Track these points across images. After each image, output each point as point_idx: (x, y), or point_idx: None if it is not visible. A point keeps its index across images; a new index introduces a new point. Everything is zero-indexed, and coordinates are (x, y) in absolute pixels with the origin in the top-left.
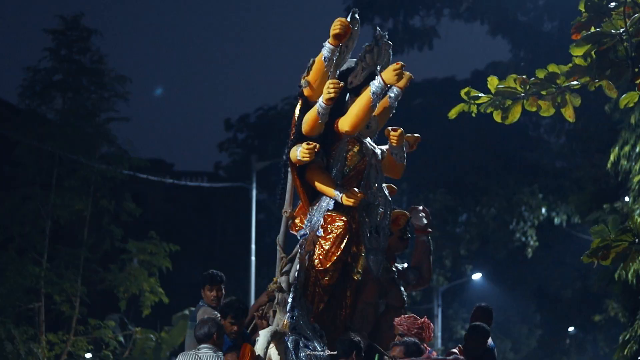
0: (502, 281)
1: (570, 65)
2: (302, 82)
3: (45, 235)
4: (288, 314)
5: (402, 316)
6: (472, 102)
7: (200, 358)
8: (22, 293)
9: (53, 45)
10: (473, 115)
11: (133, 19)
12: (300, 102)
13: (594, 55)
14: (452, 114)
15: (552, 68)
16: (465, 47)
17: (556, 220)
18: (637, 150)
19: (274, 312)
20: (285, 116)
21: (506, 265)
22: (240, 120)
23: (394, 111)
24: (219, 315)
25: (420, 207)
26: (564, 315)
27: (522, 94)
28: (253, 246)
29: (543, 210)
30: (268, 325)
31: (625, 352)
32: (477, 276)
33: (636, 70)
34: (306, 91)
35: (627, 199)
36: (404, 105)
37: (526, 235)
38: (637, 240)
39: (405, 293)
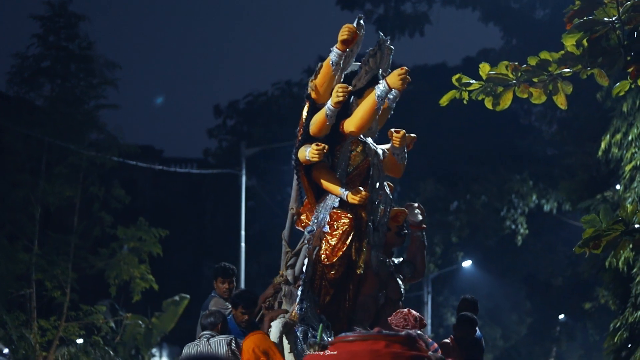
0: (492, 268)
1: (562, 52)
2: (310, 85)
3: (36, 221)
4: (297, 306)
5: (392, 315)
6: (464, 88)
7: (211, 345)
8: (13, 279)
9: (41, 32)
10: (464, 102)
11: (121, 5)
12: (307, 104)
13: (586, 43)
14: (444, 100)
15: (544, 55)
16: (456, 34)
17: (546, 208)
18: (629, 138)
19: (279, 304)
20: (275, 102)
21: (496, 253)
22: (230, 107)
23: (392, 112)
24: (229, 306)
25: (416, 204)
26: (554, 302)
27: (514, 81)
28: (242, 232)
29: (533, 197)
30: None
31: (615, 340)
32: (467, 263)
33: (628, 58)
34: (313, 94)
35: (618, 187)
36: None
37: (516, 222)
38: (628, 229)
39: (402, 286)
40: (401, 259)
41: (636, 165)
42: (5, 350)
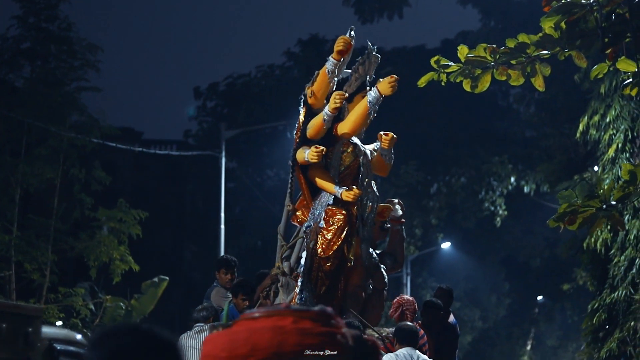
0: (471, 250)
1: (540, 35)
2: (307, 91)
3: (15, 203)
4: (298, 296)
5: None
6: (442, 70)
7: (200, 338)
8: None
9: (20, 13)
10: (442, 84)
11: None
12: (304, 109)
13: (564, 26)
14: (422, 82)
15: (522, 38)
16: (435, 16)
17: (525, 189)
18: (607, 119)
19: (275, 293)
20: (257, 84)
21: (475, 234)
22: (210, 89)
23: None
24: (230, 295)
25: (396, 200)
26: (533, 284)
27: (492, 63)
28: (222, 215)
29: (512, 179)
30: (272, 304)
31: (594, 321)
32: (446, 245)
33: (606, 40)
34: (310, 100)
35: (596, 168)
36: (374, 73)
37: (495, 204)
38: (604, 206)
39: (386, 276)
40: (380, 251)
41: (617, 147)
42: None
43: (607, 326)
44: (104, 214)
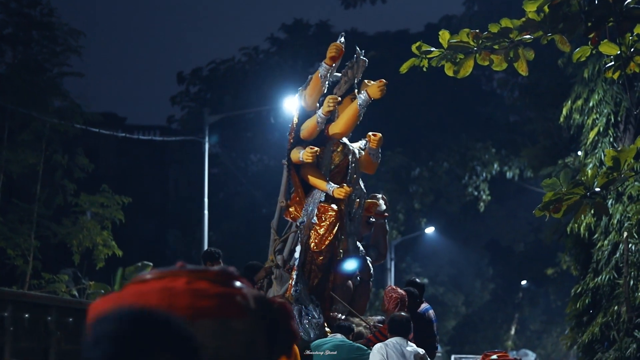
0: (455, 235)
1: (523, 19)
2: (301, 94)
3: None
4: (293, 288)
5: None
6: (424, 56)
7: None
8: None
9: None
10: (424, 69)
11: None
12: (297, 113)
13: (547, 10)
14: (404, 68)
15: (505, 22)
16: (418, 1)
17: (509, 174)
18: (590, 104)
19: (269, 285)
20: (241, 69)
21: (459, 219)
22: (193, 74)
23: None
24: None
25: (380, 195)
26: (517, 268)
27: (475, 48)
28: (206, 200)
29: (495, 164)
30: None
31: (577, 306)
32: (429, 230)
33: (589, 24)
34: (303, 102)
35: (579, 153)
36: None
37: (479, 189)
38: (588, 193)
39: (371, 267)
40: (364, 244)
41: (599, 131)
42: None
43: (591, 310)
44: (86, 200)
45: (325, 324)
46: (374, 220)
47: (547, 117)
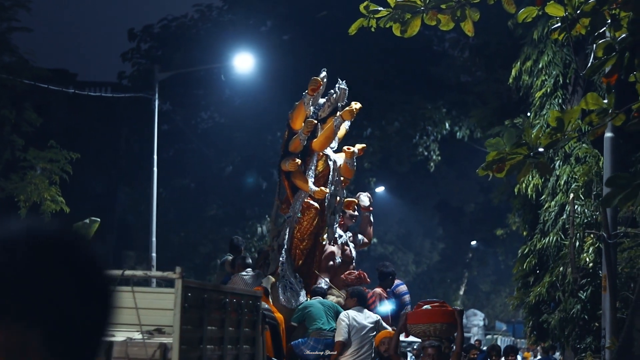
0: (405, 195)
1: None
2: (289, 116)
3: None
4: (280, 267)
5: (344, 274)
6: (372, 16)
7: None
8: None
9: None
10: (372, 29)
11: None
12: (287, 130)
13: None
14: (352, 29)
15: None
16: None
17: (459, 135)
18: (539, 65)
19: (267, 265)
20: (194, 26)
21: (409, 179)
22: (144, 30)
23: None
24: (245, 275)
25: (365, 193)
26: (466, 229)
27: (422, 8)
28: (155, 157)
29: (446, 124)
30: (264, 273)
31: (524, 266)
32: (380, 189)
33: None
34: (292, 123)
35: (528, 114)
36: (309, 18)
37: (429, 149)
38: (532, 153)
39: (354, 251)
40: (352, 232)
41: (546, 93)
42: None
43: (538, 271)
44: (35, 155)
45: (308, 295)
46: (357, 214)
47: (497, 78)
